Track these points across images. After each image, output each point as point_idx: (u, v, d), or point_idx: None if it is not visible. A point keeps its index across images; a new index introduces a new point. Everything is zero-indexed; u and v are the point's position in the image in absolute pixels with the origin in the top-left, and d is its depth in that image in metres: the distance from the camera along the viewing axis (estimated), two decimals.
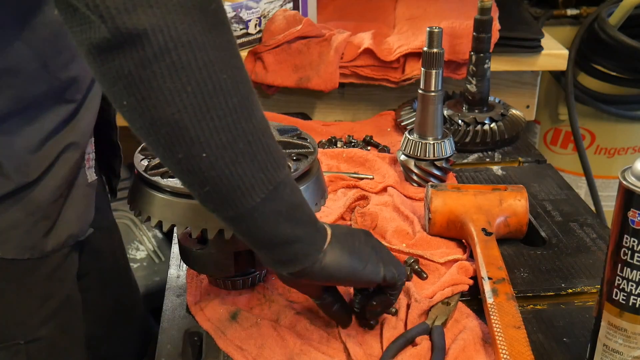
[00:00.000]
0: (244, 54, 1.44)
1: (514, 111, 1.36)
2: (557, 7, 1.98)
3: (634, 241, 0.64)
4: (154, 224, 0.77)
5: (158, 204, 0.76)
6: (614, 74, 1.84)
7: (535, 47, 1.46)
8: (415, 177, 1.13)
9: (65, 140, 0.83)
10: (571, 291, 0.88)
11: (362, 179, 1.14)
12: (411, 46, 1.39)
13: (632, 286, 0.65)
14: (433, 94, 1.10)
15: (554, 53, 1.47)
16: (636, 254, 0.64)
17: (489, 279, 0.84)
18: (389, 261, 0.74)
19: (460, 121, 1.29)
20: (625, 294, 0.66)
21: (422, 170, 1.12)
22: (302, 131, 0.88)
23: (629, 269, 0.65)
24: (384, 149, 1.28)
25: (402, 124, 1.34)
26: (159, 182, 0.76)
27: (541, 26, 1.79)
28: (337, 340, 0.79)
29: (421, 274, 0.91)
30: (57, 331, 0.90)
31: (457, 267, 0.90)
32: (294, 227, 0.64)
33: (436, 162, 1.12)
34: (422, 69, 1.10)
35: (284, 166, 0.62)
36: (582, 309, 0.85)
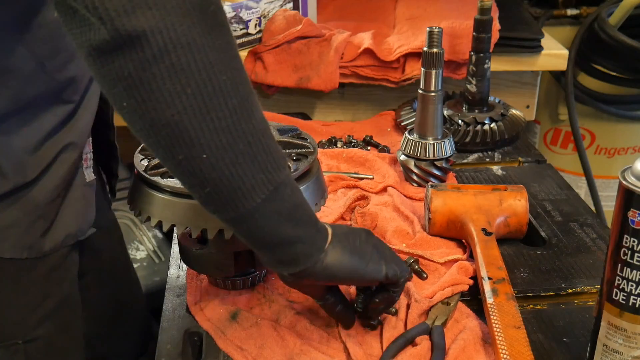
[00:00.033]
0: (243, 54, 1.44)
1: (514, 111, 1.36)
2: (557, 7, 1.98)
3: (634, 241, 0.64)
4: (154, 224, 0.77)
5: (158, 204, 0.76)
6: (614, 74, 1.84)
7: (535, 47, 1.46)
8: (415, 177, 1.13)
9: (63, 141, 0.83)
10: (571, 291, 0.89)
11: (362, 179, 1.14)
12: (411, 46, 1.39)
13: (632, 286, 0.65)
14: (433, 94, 1.10)
15: (554, 53, 1.47)
16: (636, 254, 0.64)
17: (489, 279, 0.84)
18: (390, 259, 0.74)
19: (460, 121, 1.29)
20: (625, 294, 0.66)
21: (422, 170, 1.12)
22: (302, 131, 0.88)
23: (629, 269, 0.65)
24: (384, 149, 1.28)
25: (402, 124, 1.34)
26: (158, 182, 0.76)
27: (541, 26, 1.79)
28: (337, 340, 0.79)
29: (421, 274, 0.91)
30: (56, 330, 0.90)
31: (457, 267, 0.90)
32: (295, 228, 0.64)
33: (436, 162, 1.12)
34: (422, 69, 1.10)
35: (284, 167, 0.62)
36: (582, 309, 0.85)
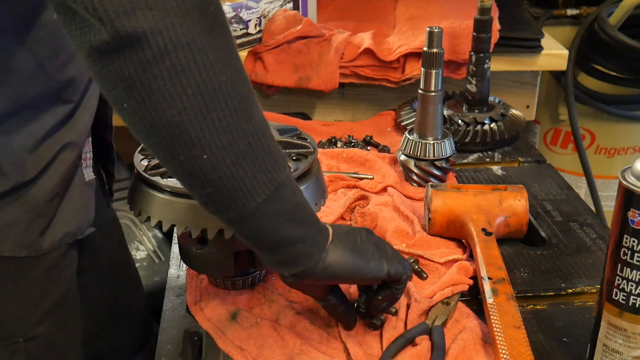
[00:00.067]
0: (243, 54, 1.44)
1: (514, 111, 1.36)
2: (557, 7, 1.98)
3: (634, 241, 0.64)
4: (154, 224, 0.77)
5: (158, 203, 0.77)
6: (614, 74, 1.84)
7: (535, 47, 1.46)
8: (415, 177, 1.13)
9: (62, 140, 0.83)
10: (571, 291, 0.89)
11: (362, 179, 1.14)
12: (411, 46, 1.39)
13: (632, 286, 0.65)
14: (433, 94, 1.10)
15: (554, 53, 1.47)
16: (636, 254, 0.64)
17: (489, 279, 0.84)
18: (392, 256, 0.75)
19: (460, 121, 1.29)
20: (625, 294, 0.66)
21: (422, 170, 1.12)
22: (302, 131, 0.88)
23: (628, 269, 0.65)
24: (384, 149, 1.28)
25: (402, 124, 1.34)
26: (158, 182, 0.76)
27: (541, 26, 1.79)
28: (337, 340, 0.79)
29: (421, 274, 0.91)
30: (55, 328, 0.90)
31: (457, 267, 0.90)
32: (296, 228, 0.64)
33: (436, 162, 1.12)
34: (422, 69, 1.10)
35: (285, 167, 0.62)
36: (582, 309, 0.85)
